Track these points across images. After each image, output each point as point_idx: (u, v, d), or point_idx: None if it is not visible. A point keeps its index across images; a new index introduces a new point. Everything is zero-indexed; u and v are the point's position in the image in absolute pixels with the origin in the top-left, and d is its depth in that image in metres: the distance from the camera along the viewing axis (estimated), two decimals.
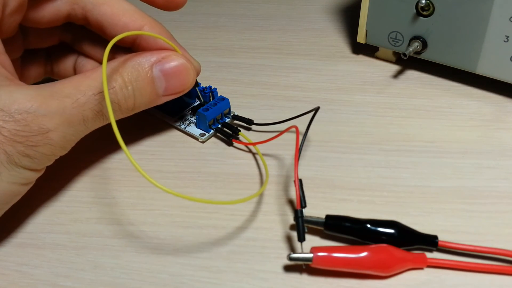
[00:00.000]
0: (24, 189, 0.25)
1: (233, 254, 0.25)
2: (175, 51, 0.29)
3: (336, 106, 0.34)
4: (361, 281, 0.24)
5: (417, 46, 0.35)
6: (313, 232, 0.26)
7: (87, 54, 0.32)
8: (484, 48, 0.33)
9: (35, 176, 0.25)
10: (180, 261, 0.25)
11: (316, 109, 0.30)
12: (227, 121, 0.32)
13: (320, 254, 0.23)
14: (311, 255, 0.23)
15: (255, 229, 0.26)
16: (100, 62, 0.31)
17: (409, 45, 0.35)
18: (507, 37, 0.32)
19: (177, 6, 0.29)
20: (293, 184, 0.26)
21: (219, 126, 0.32)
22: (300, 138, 0.27)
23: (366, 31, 0.37)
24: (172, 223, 0.27)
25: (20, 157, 0.23)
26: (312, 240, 0.26)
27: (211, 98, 0.33)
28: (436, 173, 0.29)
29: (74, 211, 0.28)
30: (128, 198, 0.28)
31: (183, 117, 0.33)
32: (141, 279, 0.24)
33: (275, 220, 0.27)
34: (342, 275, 0.24)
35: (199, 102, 0.33)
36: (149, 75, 0.27)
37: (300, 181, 0.25)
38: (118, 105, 0.27)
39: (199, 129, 0.32)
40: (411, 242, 0.25)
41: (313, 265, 0.23)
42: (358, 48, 0.40)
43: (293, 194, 0.28)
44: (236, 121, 0.33)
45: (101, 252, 0.26)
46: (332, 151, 0.31)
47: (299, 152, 0.26)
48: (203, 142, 0.32)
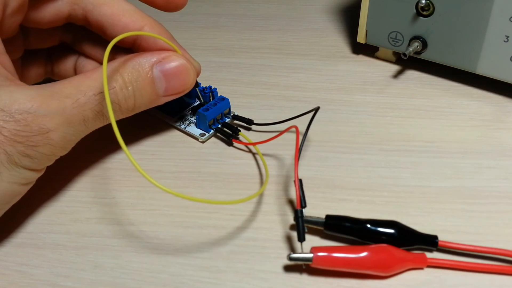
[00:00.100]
0: (24, 189, 0.25)
1: (233, 254, 0.25)
2: (175, 52, 0.29)
3: (336, 106, 0.34)
4: (361, 281, 0.24)
5: (417, 46, 0.35)
6: (313, 232, 0.26)
7: (88, 55, 0.32)
8: (484, 48, 0.33)
9: (35, 176, 0.25)
10: (180, 261, 0.25)
11: (316, 109, 0.30)
12: (227, 121, 0.32)
13: (320, 254, 0.23)
14: (311, 255, 0.23)
15: (255, 229, 0.26)
16: (101, 63, 0.31)
17: (409, 45, 0.35)
18: (507, 37, 0.32)
19: (177, 7, 0.29)
20: (293, 184, 0.26)
21: (219, 126, 0.32)
22: (300, 138, 0.27)
23: (366, 31, 0.37)
24: (172, 223, 0.27)
25: (21, 157, 0.23)
26: (312, 240, 0.26)
27: (211, 98, 0.33)
28: (436, 173, 0.29)
29: (74, 211, 0.28)
30: (128, 198, 0.28)
31: (183, 117, 0.33)
32: (141, 279, 0.24)
33: (275, 220, 0.27)
34: (342, 275, 0.24)
35: (199, 102, 0.33)
36: (150, 76, 0.27)
37: (300, 181, 0.25)
38: (119, 105, 0.27)
39: (199, 129, 0.32)
40: (411, 242, 0.25)
41: (313, 265, 0.23)
42: (358, 48, 0.40)
43: (293, 194, 0.28)
44: (236, 121, 0.33)
45: (101, 252, 0.26)
46: (332, 151, 0.31)
47: (299, 152, 0.26)
48: (203, 142, 0.32)
